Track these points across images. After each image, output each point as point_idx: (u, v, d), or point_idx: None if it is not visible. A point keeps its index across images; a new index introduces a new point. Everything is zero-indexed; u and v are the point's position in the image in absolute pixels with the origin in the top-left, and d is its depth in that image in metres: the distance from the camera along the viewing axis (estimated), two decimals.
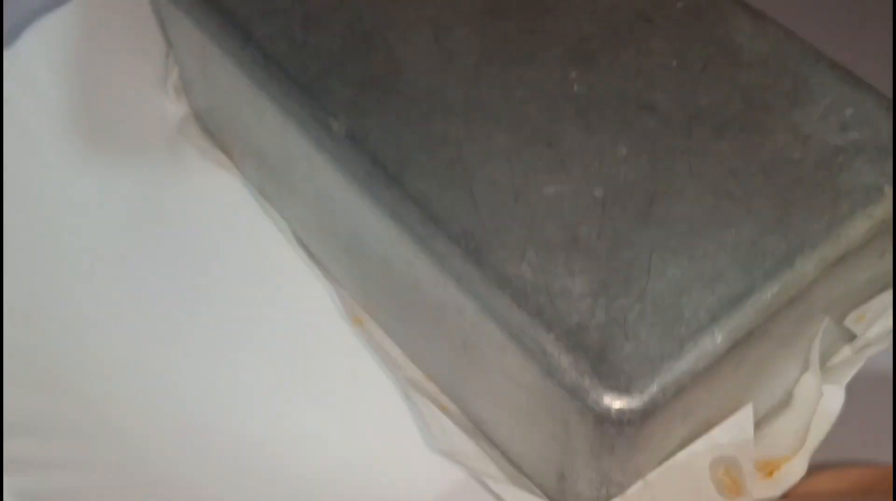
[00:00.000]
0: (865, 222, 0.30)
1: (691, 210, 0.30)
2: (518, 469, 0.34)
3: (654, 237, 0.30)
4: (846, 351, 0.34)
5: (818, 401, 0.33)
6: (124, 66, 0.43)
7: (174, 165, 0.41)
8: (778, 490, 0.32)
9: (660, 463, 0.31)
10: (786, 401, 0.34)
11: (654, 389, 0.28)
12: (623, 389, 0.28)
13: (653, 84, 0.33)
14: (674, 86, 0.33)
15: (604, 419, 0.28)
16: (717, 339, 0.28)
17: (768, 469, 0.33)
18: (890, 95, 0.44)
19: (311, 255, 0.39)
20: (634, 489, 0.30)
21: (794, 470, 0.33)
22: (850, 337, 0.35)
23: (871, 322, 0.34)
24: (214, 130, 0.41)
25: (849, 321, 0.33)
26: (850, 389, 0.35)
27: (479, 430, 0.35)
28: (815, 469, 0.33)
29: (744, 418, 0.31)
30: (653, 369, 0.28)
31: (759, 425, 0.33)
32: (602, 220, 0.30)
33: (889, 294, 0.34)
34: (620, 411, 0.28)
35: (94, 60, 0.43)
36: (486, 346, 0.30)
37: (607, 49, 0.34)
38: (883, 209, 0.31)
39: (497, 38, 0.34)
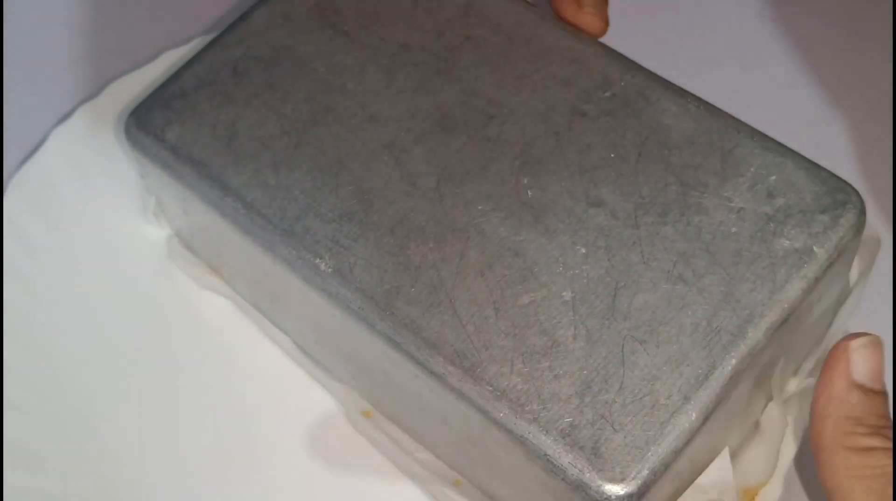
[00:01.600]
0: (802, 283, 0.35)
1: (650, 298, 0.34)
2: None
3: (623, 330, 0.34)
4: (805, 380, 0.39)
5: (784, 429, 0.37)
6: (103, 198, 0.46)
7: (167, 289, 0.44)
8: None
9: None
10: (754, 429, 0.39)
11: (645, 473, 0.32)
12: (619, 478, 0.32)
13: (597, 179, 0.37)
14: (615, 178, 0.37)
15: None
16: (691, 417, 0.33)
17: (748, 496, 0.37)
18: (890, 93, 0.48)
19: (314, 360, 0.42)
20: None
21: (770, 494, 0.37)
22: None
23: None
24: (201, 253, 0.44)
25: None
26: None
27: None
28: None
29: (722, 462, 0.36)
30: (641, 455, 0.32)
31: (734, 455, 0.37)
32: (575, 321, 0.34)
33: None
34: (619, 497, 0.32)
35: (74, 199, 0.46)
36: (491, 445, 0.35)
37: (551, 150, 0.38)
38: (815, 268, 0.35)
39: (451, 155, 0.38)
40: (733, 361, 0.33)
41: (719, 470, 0.36)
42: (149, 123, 0.40)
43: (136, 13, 0.52)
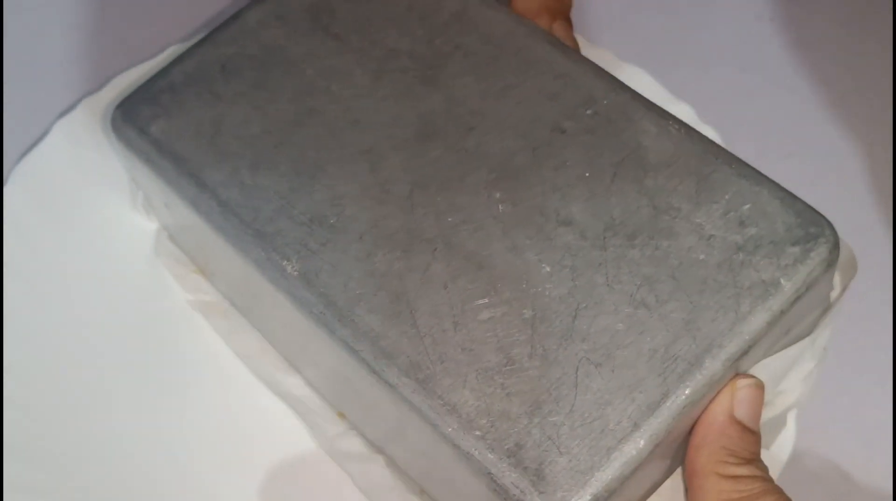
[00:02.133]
0: (765, 315, 0.34)
1: (611, 322, 0.34)
2: None
3: (579, 352, 0.34)
4: (768, 410, 0.38)
5: None
6: (103, 191, 0.46)
7: (157, 285, 0.45)
8: None
9: None
10: None
11: (587, 498, 0.32)
12: None
13: (569, 198, 0.37)
14: (588, 198, 0.36)
15: None
16: (639, 444, 0.32)
17: None
18: (890, 92, 0.47)
19: (290, 363, 0.42)
20: None
21: None
22: None
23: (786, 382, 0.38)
24: (185, 249, 0.44)
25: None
26: (849, 391, 0.40)
27: None
28: None
29: (676, 485, 0.36)
30: (584, 480, 0.32)
31: None
32: (532, 339, 0.34)
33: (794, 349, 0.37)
34: None
35: (73, 191, 0.46)
36: (442, 459, 0.34)
37: (527, 166, 0.37)
38: (781, 301, 0.34)
39: (428, 164, 0.38)
40: (688, 390, 0.33)
41: (672, 493, 0.35)
42: (135, 116, 0.40)
43: (143, 8, 0.52)
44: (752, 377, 0.34)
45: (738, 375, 0.34)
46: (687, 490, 0.35)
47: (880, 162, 0.47)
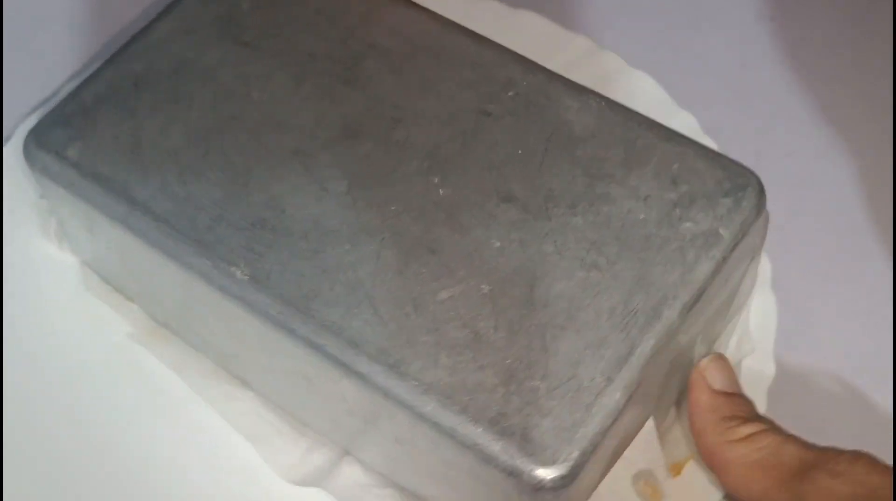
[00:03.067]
0: (711, 263, 0.36)
1: (566, 286, 0.35)
2: None
3: (542, 318, 0.35)
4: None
5: None
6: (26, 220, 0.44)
7: (78, 316, 0.43)
8: (688, 487, 0.38)
9: (589, 496, 0.36)
10: (677, 408, 0.39)
11: (575, 454, 0.32)
12: (550, 461, 0.32)
13: (506, 175, 0.37)
14: (524, 173, 0.37)
15: (539, 488, 0.32)
16: (615, 396, 0.33)
17: (676, 469, 0.38)
18: (889, 93, 0.49)
19: (237, 377, 0.41)
20: None
21: (696, 469, 0.38)
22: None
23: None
24: (108, 277, 0.43)
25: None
26: (849, 385, 0.42)
27: None
28: None
29: (648, 433, 0.37)
30: (570, 437, 0.33)
31: (662, 433, 0.38)
32: (495, 312, 0.35)
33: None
34: (553, 480, 0.32)
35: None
36: (421, 442, 0.34)
37: (459, 150, 0.38)
38: (722, 248, 0.36)
39: (359, 160, 0.38)
40: (652, 341, 0.34)
41: (645, 442, 0.37)
42: (49, 141, 0.39)
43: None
44: (710, 353, 0.36)
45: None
46: (718, 477, 0.36)
47: (879, 162, 0.47)
